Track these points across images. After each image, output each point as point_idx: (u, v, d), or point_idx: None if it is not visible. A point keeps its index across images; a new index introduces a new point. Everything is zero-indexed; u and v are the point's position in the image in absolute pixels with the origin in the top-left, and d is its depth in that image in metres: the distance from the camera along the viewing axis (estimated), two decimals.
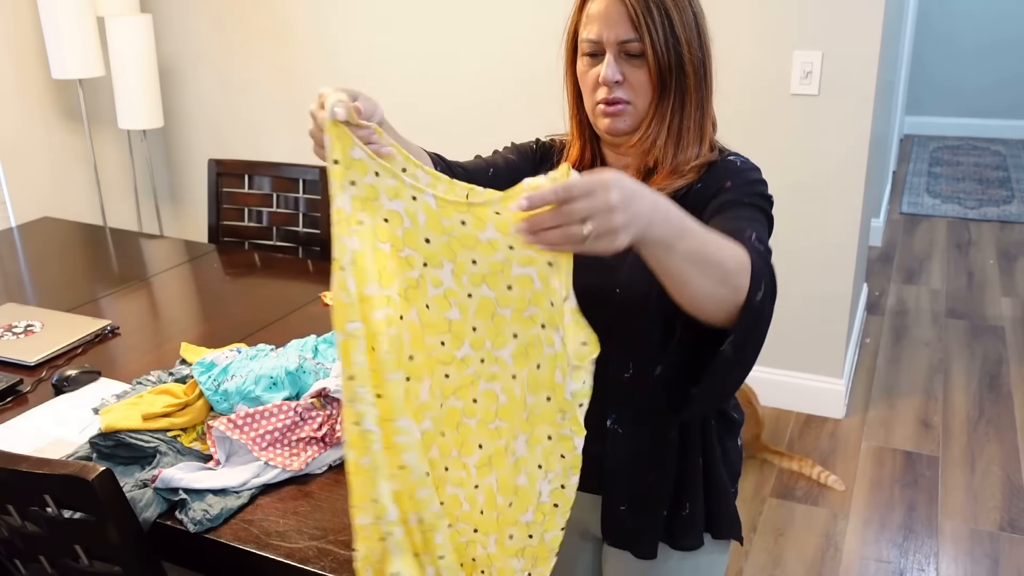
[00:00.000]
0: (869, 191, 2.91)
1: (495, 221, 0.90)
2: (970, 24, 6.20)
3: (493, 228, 0.90)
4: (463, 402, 0.99)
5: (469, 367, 0.98)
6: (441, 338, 0.97)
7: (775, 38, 2.66)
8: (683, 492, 1.22)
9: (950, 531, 2.43)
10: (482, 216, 0.90)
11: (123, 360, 1.80)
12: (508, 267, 0.91)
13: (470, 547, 1.06)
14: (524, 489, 1.00)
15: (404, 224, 0.94)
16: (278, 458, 1.40)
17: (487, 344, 0.96)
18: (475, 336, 0.96)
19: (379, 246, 0.96)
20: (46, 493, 1.16)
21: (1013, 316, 3.73)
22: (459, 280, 0.94)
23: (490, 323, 0.95)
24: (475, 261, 0.92)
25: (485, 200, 0.90)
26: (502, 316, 0.94)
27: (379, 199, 0.95)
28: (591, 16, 1.13)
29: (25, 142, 3.33)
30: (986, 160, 5.92)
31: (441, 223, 0.93)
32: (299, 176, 2.54)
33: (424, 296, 0.96)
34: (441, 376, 0.99)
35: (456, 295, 0.95)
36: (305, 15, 3.33)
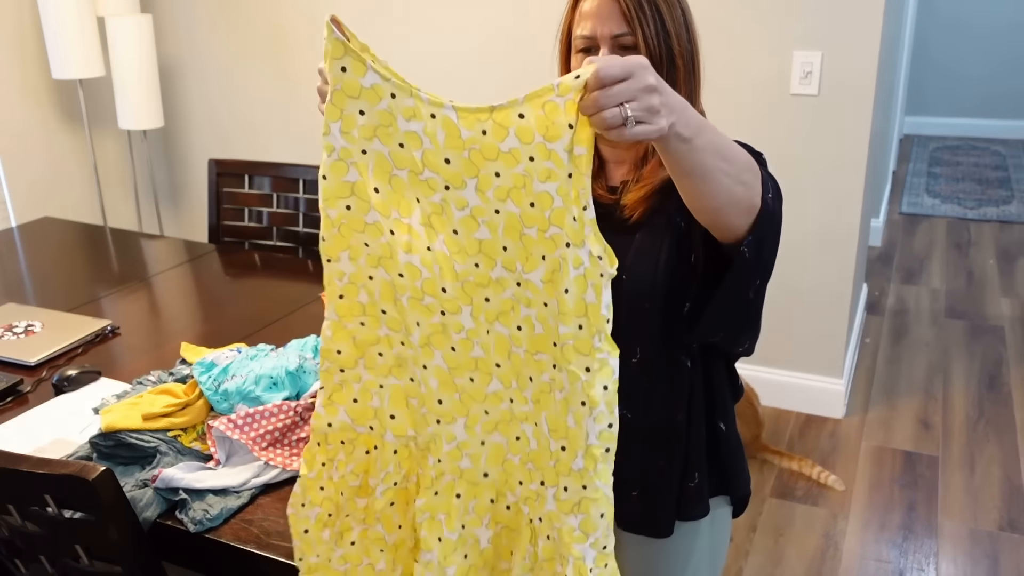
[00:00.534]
0: (869, 191, 2.91)
1: (517, 127, 0.86)
2: (970, 24, 6.20)
3: (514, 136, 0.86)
4: (508, 329, 0.95)
5: (506, 289, 0.93)
6: (474, 260, 0.93)
7: (775, 38, 2.66)
8: (690, 464, 1.25)
9: (950, 531, 2.43)
10: (504, 122, 0.86)
11: (123, 360, 1.80)
12: (530, 181, 0.88)
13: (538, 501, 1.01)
14: (573, 431, 0.95)
15: (424, 145, 0.90)
16: (278, 458, 1.40)
17: (519, 266, 0.92)
18: (506, 256, 0.92)
19: (395, 173, 0.93)
20: (46, 493, 1.16)
21: (1013, 316, 3.73)
22: (484, 196, 0.90)
23: (519, 243, 0.91)
24: (498, 174, 0.89)
25: (509, 102, 0.86)
26: (529, 236, 0.90)
27: (395, 123, 0.91)
28: (584, 13, 1.15)
29: (25, 142, 3.33)
30: (986, 160, 5.92)
31: (461, 136, 0.88)
32: (299, 176, 2.54)
33: (451, 221, 0.92)
34: (482, 300, 0.95)
35: (483, 212, 0.91)
36: (305, 15, 3.33)
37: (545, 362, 0.95)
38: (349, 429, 1.10)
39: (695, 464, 1.25)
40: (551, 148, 0.86)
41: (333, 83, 0.91)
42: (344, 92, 0.91)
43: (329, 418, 1.09)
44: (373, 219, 0.95)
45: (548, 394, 0.96)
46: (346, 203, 0.96)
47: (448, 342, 0.98)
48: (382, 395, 1.07)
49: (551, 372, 0.95)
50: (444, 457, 1.04)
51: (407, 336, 1.01)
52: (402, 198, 0.93)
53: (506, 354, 0.97)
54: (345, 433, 1.10)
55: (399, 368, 1.05)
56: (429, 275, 0.95)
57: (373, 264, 0.99)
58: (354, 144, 0.93)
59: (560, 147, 0.86)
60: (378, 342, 1.04)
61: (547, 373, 0.95)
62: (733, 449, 1.30)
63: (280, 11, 3.37)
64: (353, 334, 1.04)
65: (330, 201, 0.96)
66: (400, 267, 0.96)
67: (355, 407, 1.08)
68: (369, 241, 0.97)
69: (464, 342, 0.98)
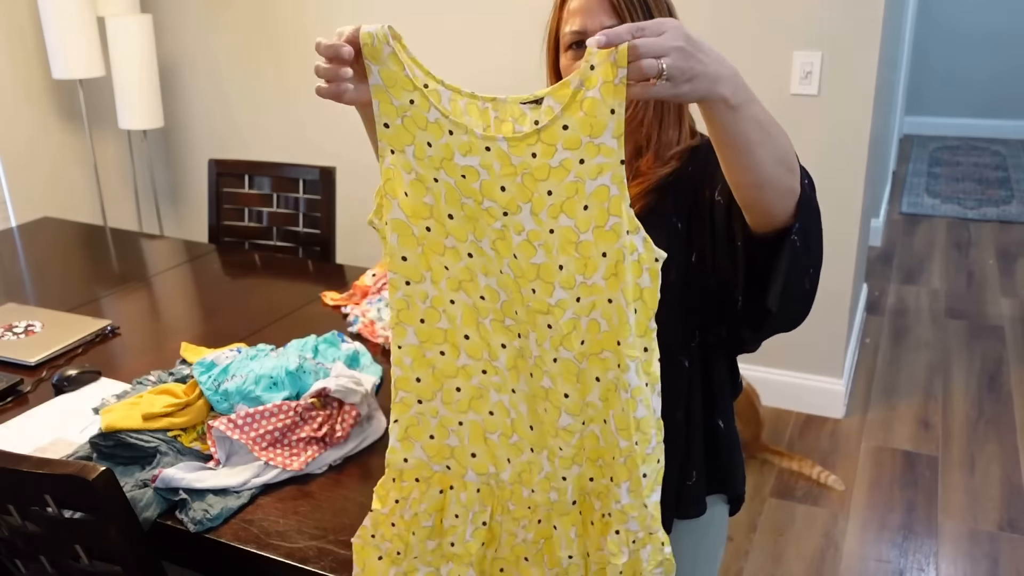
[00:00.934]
0: (869, 191, 2.91)
1: (564, 139, 0.89)
2: (971, 24, 6.20)
3: (563, 147, 0.90)
4: (572, 352, 0.96)
5: (567, 311, 0.95)
6: (532, 285, 0.95)
7: (775, 38, 2.66)
8: (689, 462, 1.25)
9: (950, 531, 2.43)
10: (551, 139, 0.90)
11: (123, 360, 1.80)
12: (582, 185, 0.91)
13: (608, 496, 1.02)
14: (644, 420, 0.97)
15: (481, 176, 0.93)
16: (278, 458, 1.40)
17: (578, 278, 0.94)
18: (563, 275, 0.94)
19: (464, 201, 0.95)
20: (46, 493, 1.16)
21: (1013, 316, 3.73)
22: (538, 218, 0.93)
23: (575, 255, 0.93)
24: (551, 191, 0.92)
25: (551, 120, 0.89)
26: (586, 242, 0.92)
27: (454, 158, 0.94)
28: (572, 11, 1.16)
29: (25, 142, 3.33)
30: (986, 160, 5.92)
31: (512, 163, 0.92)
32: (299, 176, 2.54)
33: (510, 247, 0.95)
34: (544, 327, 0.96)
35: (539, 235, 0.93)
36: (305, 15, 3.33)
37: (610, 360, 0.96)
38: (425, 467, 1.07)
39: (694, 462, 1.25)
40: (599, 142, 0.89)
41: (402, 110, 0.94)
42: (414, 121, 0.94)
43: (405, 453, 1.07)
44: (451, 244, 0.97)
45: (615, 392, 0.97)
46: (426, 224, 0.97)
47: (528, 367, 1.00)
48: (461, 433, 1.05)
49: (615, 371, 0.96)
50: (536, 488, 1.04)
51: (491, 362, 1.01)
52: (476, 223, 0.96)
53: (574, 380, 0.98)
54: (421, 471, 1.08)
55: (478, 401, 1.03)
56: (506, 297, 0.97)
57: (454, 288, 0.99)
58: (427, 171, 0.95)
59: (608, 137, 0.88)
60: (457, 374, 1.02)
61: (612, 371, 0.96)
62: (731, 448, 1.30)
63: (280, 11, 3.37)
64: (433, 363, 1.03)
65: (413, 218, 0.97)
66: (481, 289, 0.98)
67: (431, 444, 1.06)
68: (449, 265, 0.98)
69: (535, 369, 0.98)
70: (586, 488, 1.04)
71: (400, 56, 0.93)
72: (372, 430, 1.50)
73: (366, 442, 1.47)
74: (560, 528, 1.04)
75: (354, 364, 1.70)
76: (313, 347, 1.70)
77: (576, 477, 1.03)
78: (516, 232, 0.94)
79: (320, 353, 1.69)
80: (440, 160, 0.94)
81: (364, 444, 1.47)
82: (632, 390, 0.96)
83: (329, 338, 1.74)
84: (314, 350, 1.70)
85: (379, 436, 1.50)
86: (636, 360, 0.95)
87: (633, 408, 0.96)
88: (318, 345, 1.71)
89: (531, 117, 0.94)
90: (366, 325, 1.88)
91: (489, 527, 1.08)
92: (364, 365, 1.71)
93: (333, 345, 1.73)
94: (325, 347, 1.71)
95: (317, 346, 1.71)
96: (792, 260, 1.03)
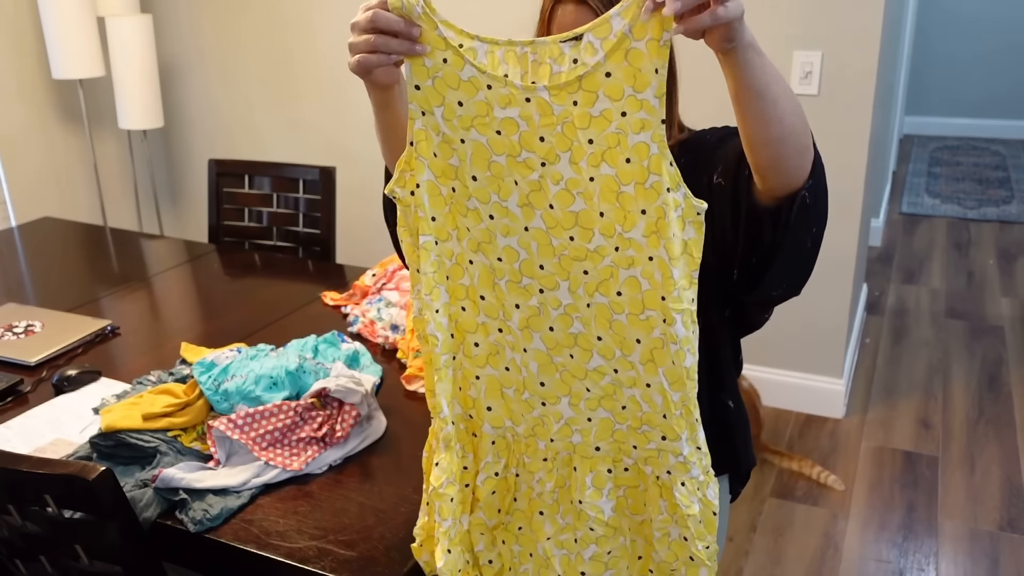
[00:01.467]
0: (869, 191, 2.91)
1: (606, 87, 0.90)
2: (970, 24, 6.20)
3: (604, 97, 0.90)
4: (608, 298, 0.97)
5: (605, 258, 0.96)
6: (570, 233, 0.96)
7: (775, 38, 2.66)
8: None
9: (950, 531, 2.43)
10: (593, 87, 0.90)
11: (123, 360, 1.80)
12: (624, 137, 0.91)
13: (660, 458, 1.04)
14: (693, 367, 0.99)
15: (520, 128, 0.94)
16: (278, 458, 1.40)
17: (617, 228, 0.94)
18: (604, 221, 0.95)
19: (494, 159, 0.96)
20: (46, 493, 1.16)
21: (1013, 316, 3.73)
22: (578, 167, 0.93)
23: (616, 204, 0.93)
24: (591, 140, 0.92)
25: (594, 66, 0.89)
26: (627, 194, 0.93)
27: (492, 112, 0.94)
28: (560, 25, 1.15)
29: (25, 142, 3.33)
30: (986, 160, 5.92)
31: (554, 112, 0.92)
32: (299, 176, 2.54)
33: (547, 197, 0.95)
34: (580, 273, 0.97)
35: (578, 184, 0.94)
36: (305, 14, 3.33)
37: (654, 318, 0.97)
38: (460, 419, 1.11)
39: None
40: (641, 98, 0.89)
41: (434, 70, 0.94)
42: (445, 81, 0.94)
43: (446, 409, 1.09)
44: (473, 205, 0.98)
45: (661, 350, 0.98)
46: (452, 185, 0.98)
47: (547, 322, 1.00)
48: (478, 386, 1.07)
49: (661, 327, 0.97)
50: (556, 436, 1.06)
51: (505, 321, 1.02)
52: (501, 182, 0.96)
53: (607, 324, 0.99)
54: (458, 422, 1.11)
55: (494, 357, 1.05)
56: (527, 256, 0.98)
57: (473, 248, 1.01)
58: (455, 132, 0.96)
59: (651, 94, 0.89)
60: (476, 330, 1.04)
61: (657, 328, 0.97)
62: (742, 426, 1.31)
63: (280, 11, 3.37)
64: (456, 318, 1.05)
65: (441, 179, 0.99)
66: (499, 251, 0.99)
67: (460, 394, 1.09)
68: (471, 226, 0.99)
69: (563, 318, 1.00)
70: (630, 454, 1.05)
71: (432, 17, 0.93)
72: (372, 430, 1.50)
73: (366, 442, 1.47)
74: (579, 470, 1.06)
75: (354, 364, 1.70)
76: (313, 347, 1.70)
77: (601, 421, 1.04)
78: (554, 182, 0.94)
79: (320, 353, 1.69)
80: (472, 119, 0.95)
81: (364, 444, 1.47)
82: (680, 340, 0.97)
83: (329, 338, 1.75)
84: (314, 350, 1.70)
85: (379, 436, 1.50)
86: (683, 312, 0.96)
87: (683, 358, 0.98)
88: (318, 345, 1.71)
89: (569, 55, 0.91)
90: (366, 325, 1.88)
91: (504, 478, 1.10)
92: (364, 365, 1.72)
93: (333, 345, 1.73)
94: (325, 347, 1.71)
95: (317, 346, 1.71)
96: (801, 218, 1.04)
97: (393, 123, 1.11)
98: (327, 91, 3.40)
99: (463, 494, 1.11)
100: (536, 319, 1.01)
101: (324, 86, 3.40)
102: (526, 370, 1.04)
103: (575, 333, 1.00)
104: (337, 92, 3.38)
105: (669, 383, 0.99)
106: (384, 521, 1.28)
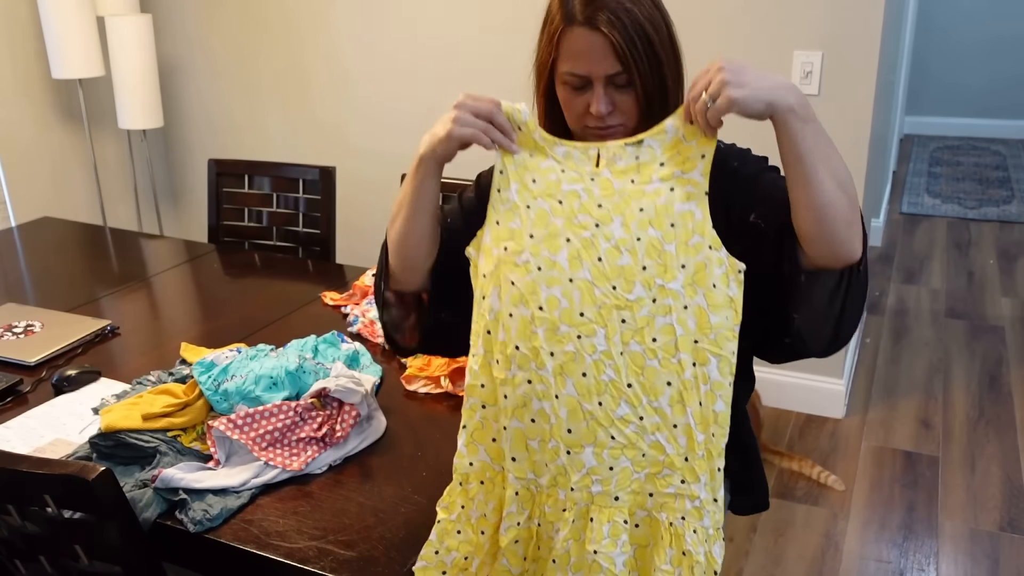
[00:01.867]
0: (869, 191, 2.91)
1: (660, 173, 1.07)
2: (970, 24, 6.20)
3: (658, 179, 1.06)
4: (643, 345, 1.06)
5: (643, 307, 1.05)
6: (613, 283, 1.06)
7: (775, 38, 2.65)
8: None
9: (950, 531, 2.43)
10: (649, 171, 1.07)
11: (123, 360, 1.80)
12: (671, 206, 1.05)
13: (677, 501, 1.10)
14: (723, 414, 1.07)
15: (581, 199, 1.09)
16: (278, 458, 1.40)
17: (657, 281, 1.05)
18: (645, 275, 1.05)
19: (552, 221, 1.10)
20: (46, 493, 1.16)
21: (1013, 316, 3.73)
22: (628, 228, 1.05)
23: (658, 260, 1.05)
24: (642, 209, 1.05)
25: (651, 158, 1.08)
26: (669, 252, 1.05)
27: (560, 188, 1.11)
28: (573, 52, 1.12)
29: (25, 142, 3.33)
30: (986, 160, 5.91)
31: (614, 187, 1.08)
32: (299, 176, 2.54)
33: (597, 251, 1.07)
34: (618, 322, 1.06)
35: (626, 242, 1.05)
36: (305, 14, 3.33)
37: (686, 361, 1.06)
38: (489, 468, 1.17)
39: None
40: (688, 177, 1.06)
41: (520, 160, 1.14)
42: (526, 167, 1.13)
43: (471, 457, 1.17)
44: (523, 260, 1.09)
45: (691, 391, 1.06)
46: (505, 244, 1.11)
47: (581, 367, 1.08)
48: (505, 436, 1.14)
49: (692, 369, 1.06)
50: (576, 485, 1.11)
51: (537, 371, 1.09)
52: (555, 240, 1.08)
53: (639, 371, 1.07)
54: (485, 472, 1.18)
55: (521, 409, 1.12)
56: (567, 304, 1.07)
57: (515, 302, 1.10)
58: (523, 201, 1.12)
59: (697, 174, 1.06)
60: (506, 383, 1.12)
61: (688, 371, 1.06)
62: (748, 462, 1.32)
63: (280, 11, 3.37)
64: (491, 371, 1.13)
65: (495, 241, 1.12)
66: (541, 301, 1.08)
67: (493, 446, 1.16)
68: (517, 279, 1.09)
69: (597, 364, 1.07)
70: (644, 504, 1.11)
71: (530, 123, 1.13)
72: (372, 430, 1.50)
73: (366, 442, 1.47)
74: (596, 520, 1.10)
75: (354, 364, 1.70)
76: (313, 347, 1.70)
77: (622, 470, 1.09)
78: (605, 239, 1.06)
79: (320, 353, 1.69)
80: (540, 192, 1.11)
81: (364, 444, 1.47)
82: (712, 383, 1.06)
83: (329, 338, 1.74)
84: (314, 350, 1.70)
85: (379, 436, 1.50)
86: (720, 357, 1.06)
87: (713, 401, 1.06)
88: (318, 345, 1.71)
89: (632, 153, 1.08)
90: (366, 325, 1.88)
91: (527, 528, 1.16)
92: (364, 365, 1.71)
93: (333, 345, 1.73)
94: (325, 347, 1.71)
95: (317, 346, 1.71)
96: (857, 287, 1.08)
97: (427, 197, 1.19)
98: (327, 91, 3.40)
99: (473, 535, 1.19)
100: (571, 364, 1.08)
101: (324, 86, 3.40)
102: (555, 417, 1.09)
103: (607, 380, 1.07)
104: (337, 92, 3.38)
105: (696, 423, 1.07)
106: (384, 521, 1.28)
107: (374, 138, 3.37)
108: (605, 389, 1.07)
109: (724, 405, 1.06)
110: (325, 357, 1.68)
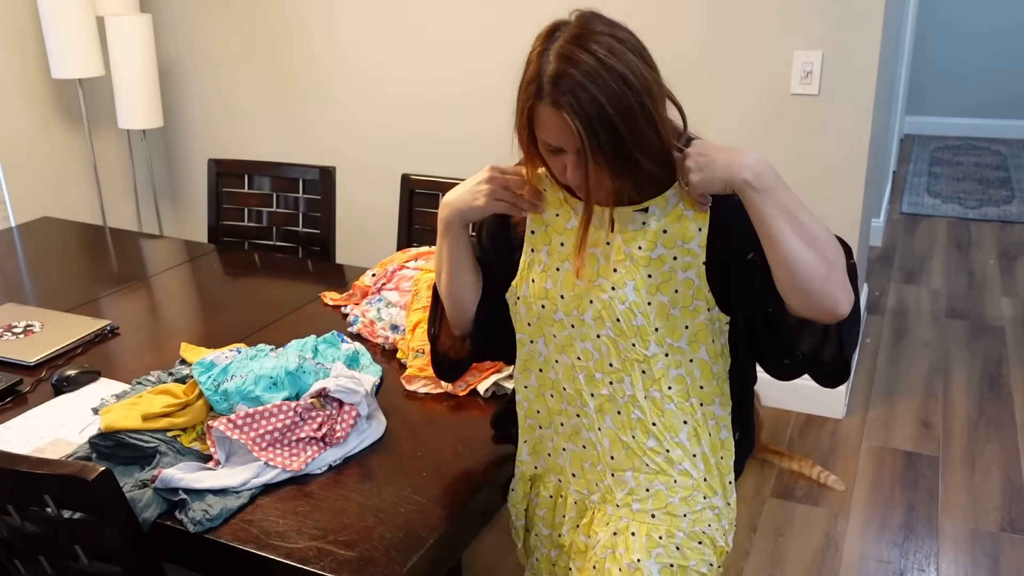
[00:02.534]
0: (869, 191, 2.91)
1: (663, 240, 1.20)
2: (971, 24, 6.19)
3: (662, 246, 1.20)
4: (661, 392, 1.24)
5: (659, 361, 1.23)
6: (632, 340, 1.22)
7: (775, 38, 2.66)
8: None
9: (950, 531, 2.43)
10: (654, 238, 1.20)
11: (123, 360, 1.80)
12: (674, 275, 1.21)
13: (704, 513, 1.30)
14: (728, 440, 1.31)
15: (600, 262, 1.24)
16: (278, 458, 1.40)
17: (668, 340, 1.23)
18: (658, 335, 1.22)
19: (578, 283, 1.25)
20: (46, 493, 1.16)
21: (1013, 316, 3.73)
22: (640, 293, 1.21)
23: (667, 323, 1.22)
24: (650, 275, 1.21)
25: (656, 226, 1.20)
26: (675, 316, 1.22)
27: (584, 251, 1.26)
28: (543, 125, 1.12)
29: (25, 142, 3.33)
30: (986, 160, 5.91)
31: (624, 252, 1.22)
32: (299, 176, 2.54)
33: (615, 312, 1.22)
34: (639, 373, 1.24)
35: (639, 305, 1.21)
36: (305, 14, 3.33)
37: (695, 403, 1.27)
38: (547, 475, 1.40)
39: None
40: (688, 247, 1.20)
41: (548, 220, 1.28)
42: (554, 229, 1.28)
43: (536, 462, 1.41)
44: (559, 317, 1.27)
45: (703, 426, 1.28)
46: (542, 303, 1.28)
47: (615, 407, 1.27)
48: (565, 456, 1.35)
49: (701, 409, 1.27)
50: (620, 502, 1.31)
51: (582, 407, 1.29)
52: (581, 301, 1.24)
53: (660, 412, 1.26)
54: (544, 477, 1.41)
55: (575, 436, 1.33)
56: (599, 356, 1.25)
57: (559, 350, 1.29)
58: (553, 262, 1.27)
59: (695, 245, 1.20)
60: (560, 414, 1.33)
61: (699, 411, 1.27)
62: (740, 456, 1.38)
63: (280, 11, 3.37)
64: (547, 402, 1.34)
65: (534, 299, 1.28)
66: (578, 351, 1.26)
67: (549, 460, 1.38)
68: (557, 333, 1.28)
69: (627, 405, 1.26)
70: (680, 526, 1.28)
71: (555, 185, 1.27)
72: (372, 430, 1.50)
73: (366, 442, 1.47)
74: (637, 534, 1.28)
75: (354, 364, 1.70)
76: (313, 347, 1.70)
77: (656, 492, 1.28)
78: (621, 302, 1.21)
79: (320, 353, 1.69)
80: (567, 255, 1.26)
81: (364, 444, 1.47)
82: (717, 417, 1.29)
83: (329, 338, 1.74)
84: (314, 350, 1.69)
85: (379, 436, 1.50)
86: (720, 395, 1.28)
87: (718, 431, 1.30)
88: (318, 345, 1.71)
89: (640, 219, 1.21)
90: (366, 325, 1.88)
91: (582, 529, 1.36)
92: (364, 365, 1.71)
93: (333, 345, 1.73)
94: (325, 347, 1.71)
95: (317, 346, 1.71)
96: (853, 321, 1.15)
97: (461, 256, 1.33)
98: (327, 91, 3.40)
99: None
100: (608, 403, 1.27)
101: (324, 86, 3.40)
102: (600, 446, 1.30)
103: (636, 418, 1.26)
104: (337, 91, 3.38)
105: (710, 450, 1.29)
106: (384, 521, 1.28)
107: (374, 138, 3.37)
108: (636, 425, 1.26)
109: (727, 432, 1.30)
110: (325, 357, 1.68)
